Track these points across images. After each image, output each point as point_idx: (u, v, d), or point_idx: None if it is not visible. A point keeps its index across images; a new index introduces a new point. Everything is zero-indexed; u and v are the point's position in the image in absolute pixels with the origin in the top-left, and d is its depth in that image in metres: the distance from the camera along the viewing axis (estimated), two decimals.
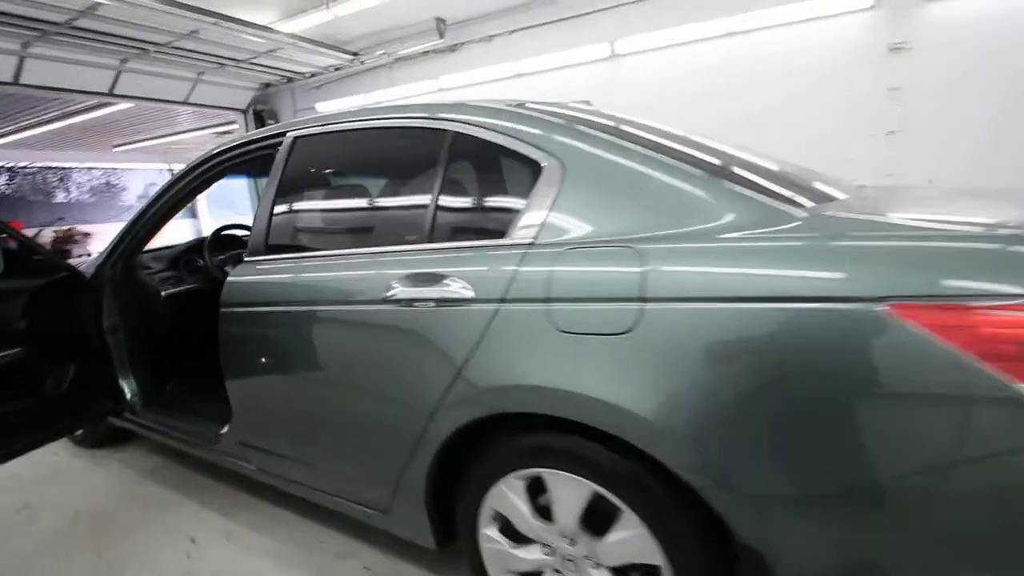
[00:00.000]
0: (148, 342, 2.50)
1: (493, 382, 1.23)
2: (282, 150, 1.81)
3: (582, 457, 1.19)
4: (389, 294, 1.40)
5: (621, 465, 1.14)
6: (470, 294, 1.28)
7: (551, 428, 1.24)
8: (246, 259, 1.79)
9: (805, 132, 4.54)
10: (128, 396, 2.44)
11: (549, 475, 1.25)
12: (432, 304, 1.34)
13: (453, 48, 6.11)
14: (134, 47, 5.40)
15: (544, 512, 1.30)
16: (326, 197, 1.85)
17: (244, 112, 7.22)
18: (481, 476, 1.36)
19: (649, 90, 5.22)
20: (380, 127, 1.62)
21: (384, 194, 1.72)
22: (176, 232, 3.03)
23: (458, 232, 1.43)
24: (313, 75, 6.84)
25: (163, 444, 2.38)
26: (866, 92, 4.59)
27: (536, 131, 1.34)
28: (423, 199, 1.48)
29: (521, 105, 1.50)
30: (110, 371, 2.42)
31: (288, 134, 1.82)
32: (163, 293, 2.44)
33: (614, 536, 1.19)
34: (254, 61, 6.17)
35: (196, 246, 2.73)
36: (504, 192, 1.43)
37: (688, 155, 1.30)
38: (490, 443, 1.35)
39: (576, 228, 1.23)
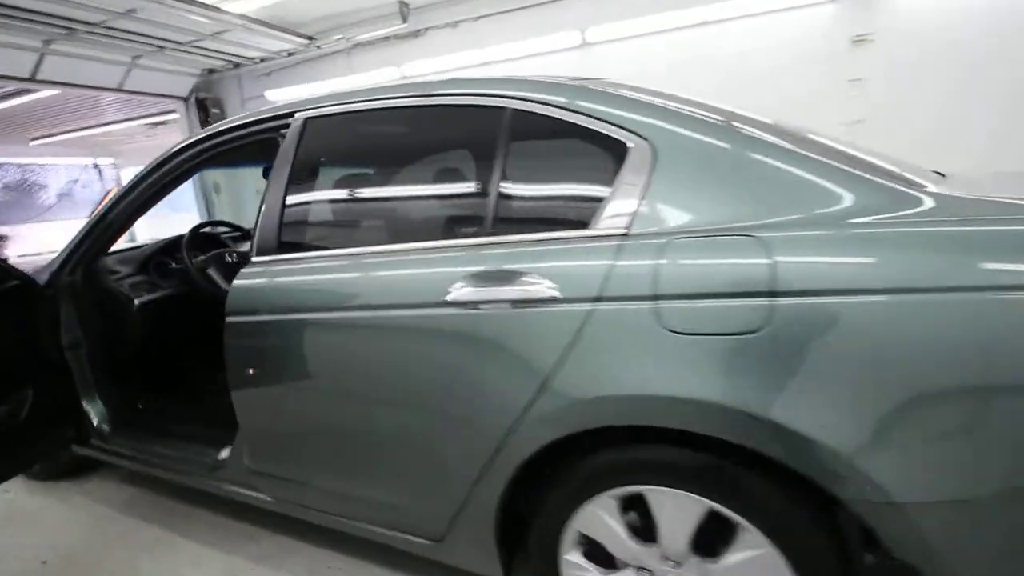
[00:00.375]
0: (117, 357, 2.19)
1: (592, 393, 1.09)
2: (291, 134, 1.58)
3: (696, 471, 1.07)
4: (450, 296, 1.22)
5: (747, 479, 1.03)
6: (556, 293, 1.12)
7: (638, 441, 1.11)
8: (254, 259, 1.55)
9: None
10: (95, 421, 2.13)
11: (653, 493, 1.12)
12: (507, 306, 1.17)
13: (416, 34, 5.84)
14: (61, 26, 4.83)
15: (642, 533, 1.17)
16: (355, 186, 1.62)
17: (185, 100, 6.66)
18: (564, 497, 1.21)
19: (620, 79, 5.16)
20: (418, 105, 1.42)
21: (428, 182, 1.52)
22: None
23: (527, 223, 1.27)
24: (263, 60, 6.38)
25: (136, 472, 2.09)
26: (831, 82, 4.71)
27: (619, 109, 1.19)
28: (480, 186, 1.30)
29: (584, 80, 1.35)
30: (71, 393, 2.11)
31: (297, 115, 1.59)
32: (136, 301, 2.13)
33: (734, 557, 1.07)
34: (198, 44, 5.67)
35: (168, 247, 2.42)
36: (580, 177, 1.27)
37: (782, 134, 1.19)
38: (572, 461, 1.20)
39: (674, 217, 1.10)
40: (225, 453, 1.81)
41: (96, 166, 11.18)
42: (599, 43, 5.30)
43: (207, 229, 2.42)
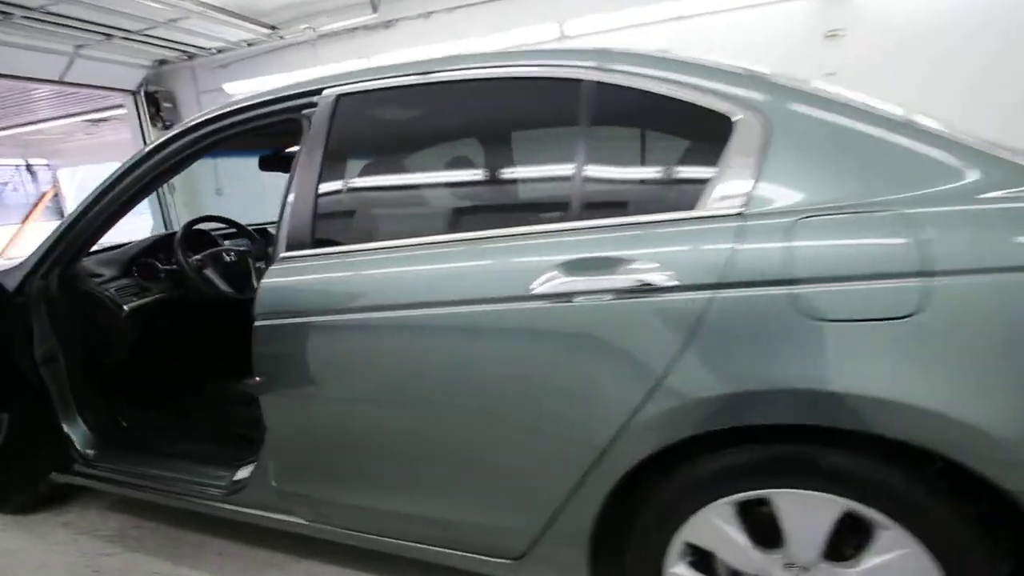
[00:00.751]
0: (100, 371, 1.94)
1: (720, 390, 0.98)
2: (320, 114, 1.40)
3: (836, 470, 0.98)
4: (537, 288, 1.09)
5: (895, 476, 0.94)
6: (668, 281, 1.01)
7: (752, 439, 1.02)
8: (284, 255, 1.37)
9: None
10: (77, 443, 1.89)
11: (782, 495, 1.02)
12: (608, 297, 1.05)
13: (387, 24, 5.62)
14: None
15: (763, 540, 1.07)
16: (405, 170, 1.46)
17: (134, 94, 6.19)
18: (674, 506, 1.10)
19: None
20: (474, 79, 1.28)
21: (497, 163, 1.37)
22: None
23: (619, 206, 1.15)
24: (220, 51, 6.00)
25: (125, 498, 1.86)
26: (806, 76, 4.80)
27: (725, 82, 1.10)
28: (562, 166, 1.18)
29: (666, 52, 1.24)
30: (48, 414, 1.86)
31: (326, 92, 1.42)
32: (125, 307, 1.89)
33: (873, 560, 0.99)
34: (150, 32, 5.27)
35: (154, 246, 2.17)
36: (678, 153, 1.17)
37: (888, 110, 1.12)
38: (682, 466, 1.09)
39: (792, 195, 1.01)
40: (244, 473, 1.61)
41: (29, 167, 10.30)
42: (577, 36, 5.23)
43: (200, 226, 2.18)
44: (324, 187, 1.37)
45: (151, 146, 1.66)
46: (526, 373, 1.13)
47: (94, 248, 1.99)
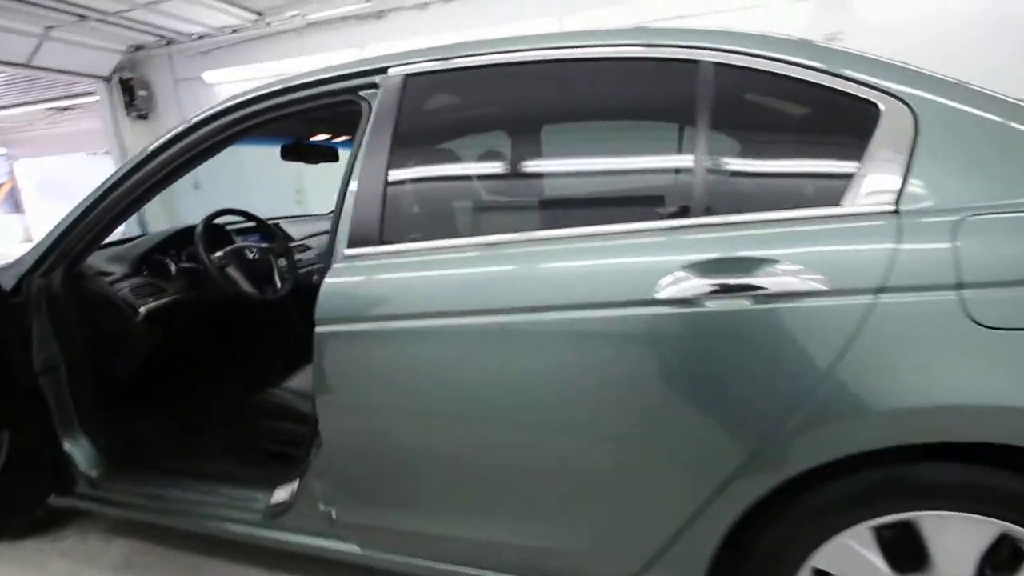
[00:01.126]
0: (109, 380, 1.75)
1: (882, 406, 0.88)
2: (386, 95, 1.26)
3: (996, 490, 0.89)
4: (661, 291, 0.98)
5: None
6: (820, 285, 0.91)
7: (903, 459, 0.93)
8: (347, 253, 1.22)
9: None
10: (80, 463, 1.69)
11: (930, 518, 0.93)
12: (748, 302, 0.94)
13: (379, 14, 5.42)
14: None
15: (900, 565, 0.98)
16: (494, 159, 1.32)
17: (107, 80, 5.83)
18: (806, 530, 1.00)
19: None
20: (572, 59, 1.15)
21: (600, 151, 1.24)
22: None
23: (751, 200, 1.04)
24: (201, 37, 5.71)
25: (130, 521, 1.67)
26: None
27: (869, 71, 1.00)
28: (679, 157, 1.07)
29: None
30: (48, 429, 1.66)
31: (392, 71, 1.27)
32: (141, 309, 1.69)
33: None
34: (127, 15, 4.96)
35: (165, 242, 1.96)
36: (813, 143, 1.07)
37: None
38: (816, 487, 0.99)
39: (945, 192, 0.93)
40: (283, 495, 1.45)
41: None
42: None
43: (217, 220, 1.98)
44: (395, 176, 1.22)
45: (177, 130, 1.47)
46: (645, 387, 1.01)
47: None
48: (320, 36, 5.61)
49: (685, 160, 1.06)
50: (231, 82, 5.88)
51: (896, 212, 0.92)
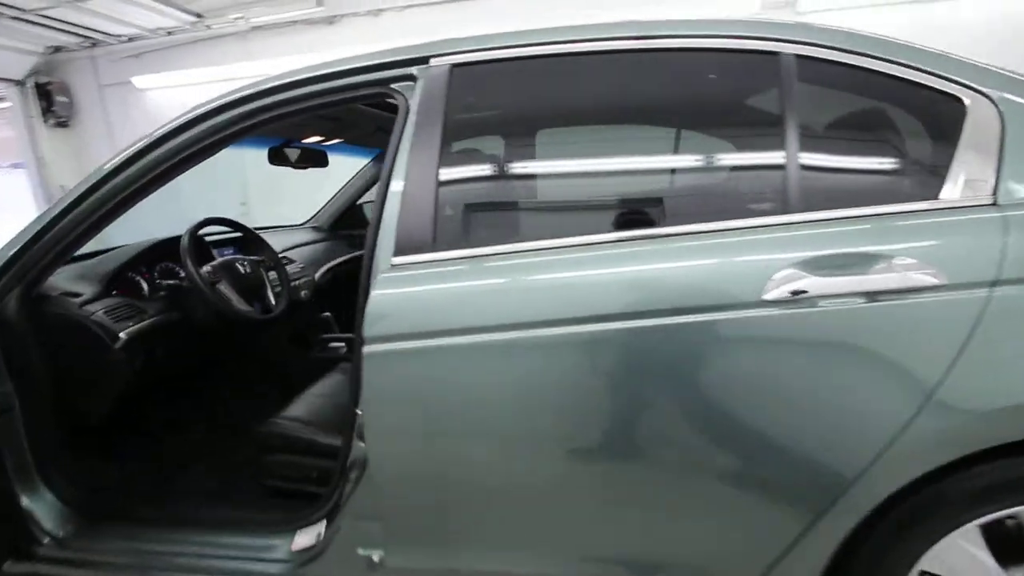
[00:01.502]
0: (78, 420, 1.50)
1: (1007, 401, 0.86)
2: (430, 87, 1.15)
3: None
4: (772, 290, 0.92)
5: None
6: (934, 279, 0.88)
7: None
8: (396, 262, 1.08)
9: None
10: (41, 520, 1.44)
11: None
12: (862, 300, 0.90)
13: (331, 20, 5.21)
14: None
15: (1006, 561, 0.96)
16: (562, 156, 1.22)
17: (20, 84, 5.27)
18: (917, 532, 0.97)
19: None
20: (641, 49, 1.09)
21: (681, 147, 1.17)
22: None
23: (847, 195, 1.01)
24: (131, 39, 5.27)
25: None
26: None
27: (943, 64, 1.01)
28: (769, 152, 1.03)
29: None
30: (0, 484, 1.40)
31: (434, 62, 1.17)
32: (122, 335, 1.46)
33: None
34: (45, 13, 4.50)
35: (140, 257, 1.72)
36: (902, 137, 1.05)
37: None
38: (926, 487, 0.96)
39: None
40: (306, 539, 1.29)
41: None
42: None
43: (202, 231, 1.76)
44: (448, 175, 1.10)
45: (172, 126, 1.29)
46: (753, 393, 0.95)
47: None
48: (265, 41, 5.33)
49: (774, 156, 1.02)
50: (166, 87, 5.48)
51: (995, 204, 0.92)
